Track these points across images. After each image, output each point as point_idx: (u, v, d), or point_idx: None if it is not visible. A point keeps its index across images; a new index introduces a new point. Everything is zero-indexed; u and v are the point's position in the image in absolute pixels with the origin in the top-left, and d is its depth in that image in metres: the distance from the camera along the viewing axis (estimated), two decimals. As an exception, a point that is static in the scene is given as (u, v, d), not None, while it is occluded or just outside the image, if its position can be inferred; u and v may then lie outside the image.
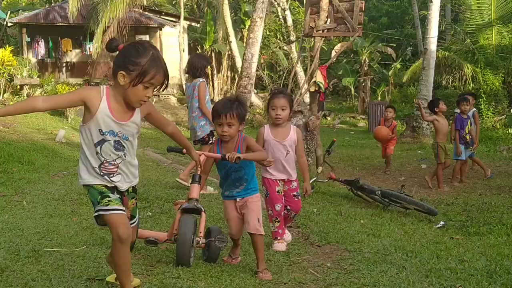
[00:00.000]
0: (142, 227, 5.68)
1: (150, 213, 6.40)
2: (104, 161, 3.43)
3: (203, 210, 4.61)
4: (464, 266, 4.70)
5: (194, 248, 4.55)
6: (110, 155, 3.42)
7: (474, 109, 10.75)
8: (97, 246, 4.88)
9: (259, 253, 4.46)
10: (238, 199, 4.59)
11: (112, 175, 3.46)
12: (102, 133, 3.38)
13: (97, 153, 3.41)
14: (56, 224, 5.72)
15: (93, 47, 22.15)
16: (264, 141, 5.27)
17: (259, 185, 4.77)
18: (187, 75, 8.24)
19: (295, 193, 5.39)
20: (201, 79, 7.74)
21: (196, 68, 7.76)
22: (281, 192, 5.29)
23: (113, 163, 3.44)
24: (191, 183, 4.72)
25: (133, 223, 3.71)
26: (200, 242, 4.53)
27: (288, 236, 5.53)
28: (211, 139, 7.66)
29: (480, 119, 19.72)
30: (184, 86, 22.45)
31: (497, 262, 4.80)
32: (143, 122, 3.67)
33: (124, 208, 3.47)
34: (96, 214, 3.42)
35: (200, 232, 4.54)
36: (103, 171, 3.44)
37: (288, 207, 5.37)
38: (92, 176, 3.45)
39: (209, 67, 7.74)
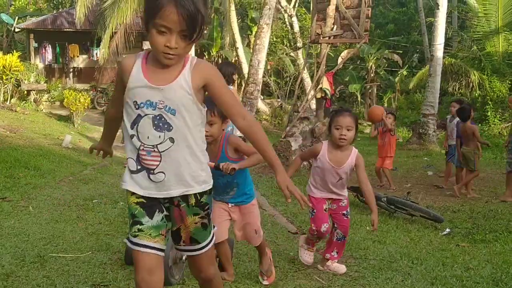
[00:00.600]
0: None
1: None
2: (141, 148, 2.54)
3: None
4: (470, 273, 4.69)
5: (182, 264, 4.19)
6: (148, 137, 2.51)
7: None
8: (102, 252, 4.89)
9: (262, 254, 4.39)
10: (230, 205, 4.27)
11: (152, 171, 2.55)
12: (137, 106, 2.52)
13: (132, 136, 2.54)
14: (62, 229, 5.73)
15: (100, 53, 22.23)
16: (316, 159, 4.68)
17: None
18: None
19: (344, 212, 4.79)
20: (231, 87, 7.77)
21: (224, 75, 7.75)
22: (327, 211, 4.72)
23: (153, 150, 2.52)
24: None
25: (195, 250, 2.76)
26: (183, 258, 4.08)
27: (338, 267, 4.78)
28: None
29: (486, 126, 19.81)
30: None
31: (503, 270, 4.78)
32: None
33: (157, 245, 2.59)
34: (126, 242, 2.71)
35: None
36: (142, 164, 2.55)
37: (335, 226, 4.77)
38: (128, 176, 2.61)
39: (235, 73, 7.76)
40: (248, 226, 4.28)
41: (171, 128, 2.50)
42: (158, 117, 2.49)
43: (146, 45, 23.95)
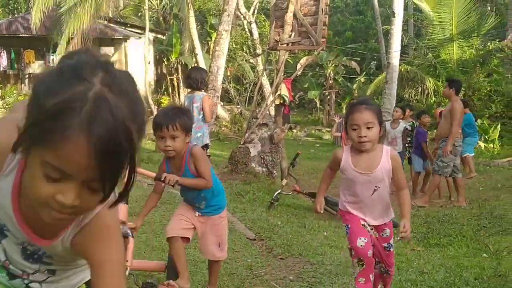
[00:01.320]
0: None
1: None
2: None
3: (130, 234, 3.84)
4: (424, 278, 4.77)
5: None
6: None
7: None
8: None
9: (211, 276, 4.19)
10: (197, 213, 4.08)
11: None
12: None
13: None
14: None
15: (57, 59, 21.89)
16: (341, 169, 3.83)
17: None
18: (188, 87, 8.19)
19: (386, 245, 3.87)
20: (204, 92, 7.73)
21: (196, 80, 7.72)
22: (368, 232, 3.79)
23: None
24: None
25: None
26: (127, 273, 3.81)
27: None
28: (206, 151, 7.64)
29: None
30: (148, 99, 22.50)
31: (456, 274, 4.88)
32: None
33: None
34: None
35: (127, 261, 3.74)
36: None
37: (377, 260, 3.89)
38: None
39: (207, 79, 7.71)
40: (211, 238, 4.07)
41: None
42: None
43: (104, 51, 23.74)
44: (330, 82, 28.13)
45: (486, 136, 18.98)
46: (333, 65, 27.85)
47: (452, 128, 8.72)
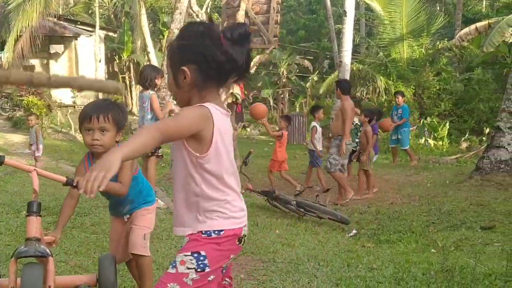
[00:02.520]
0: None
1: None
2: None
3: (49, 254, 3.11)
4: (373, 273, 4.82)
5: None
6: None
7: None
8: (1, 263, 4.68)
9: (145, 278, 3.66)
10: (126, 217, 3.70)
11: None
12: None
13: None
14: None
15: (5, 57, 21.35)
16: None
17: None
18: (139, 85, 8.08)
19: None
20: (151, 92, 7.60)
21: (146, 79, 7.59)
22: None
23: None
24: (26, 216, 3.18)
25: None
26: None
27: None
28: (157, 151, 7.53)
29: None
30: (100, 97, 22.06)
31: (404, 269, 4.94)
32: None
33: None
34: None
35: (50, 286, 3.06)
36: None
37: None
38: None
39: (160, 78, 7.56)
40: (136, 229, 3.60)
41: None
42: None
43: (54, 49, 23.30)
44: (284, 80, 28.30)
45: (435, 134, 19.39)
46: (287, 63, 28.01)
47: (344, 126, 8.97)
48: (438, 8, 31.32)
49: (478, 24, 21.23)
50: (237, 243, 2.43)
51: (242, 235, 2.44)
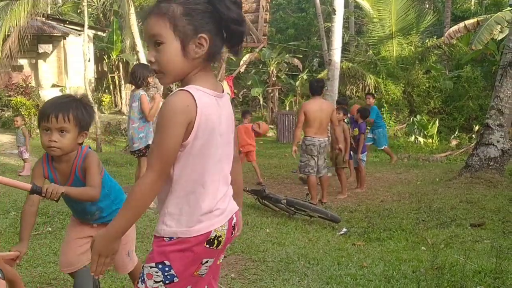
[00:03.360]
0: (42, 243, 5.48)
1: (50, 229, 6.17)
2: None
3: (1, 277, 2.75)
4: (364, 271, 4.82)
5: None
6: None
7: None
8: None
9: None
10: (95, 224, 3.29)
11: None
12: None
13: None
14: None
15: (-7, 57, 21.22)
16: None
17: None
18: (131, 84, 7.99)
19: None
20: (141, 91, 7.54)
21: (138, 77, 7.52)
22: None
23: None
24: None
25: None
26: None
27: None
28: (147, 151, 7.48)
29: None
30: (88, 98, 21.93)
31: (394, 267, 4.95)
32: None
33: None
34: None
35: None
36: None
37: None
38: None
39: (151, 76, 7.47)
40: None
41: None
42: None
43: (42, 49, 23.15)
44: (273, 79, 28.24)
45: (425, 132, 19.45)
46: (276, 62, 27.97)
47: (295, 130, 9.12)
48: (427, 6, 31.41)
49: (467, 22, 21.34)
50: (207, 246, 2.15)
51: (211, 237, 2.15)
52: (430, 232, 6.86)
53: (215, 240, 2.17)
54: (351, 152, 10.37)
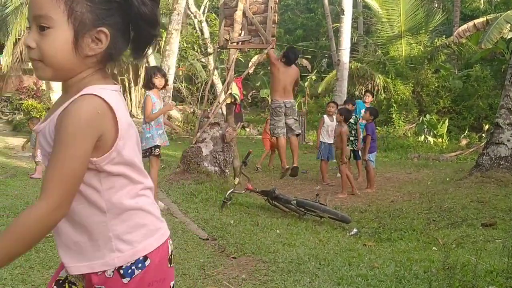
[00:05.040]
0: (54, 245, 5.51)
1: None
2: None
3: None
4: (375, 272, 4.82)
5: None
6: None
7: None
8: (2, 269, 4.67)
9: None
10: None
11: None
12: None
13: None
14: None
15: (4, 60, 21.34)
16: None
17: None
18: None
19: None
20: (148, 93, 7.60)
21: (145, 78, 7.64)
22: None
23: None
24: None
25: None
26: None
27: None
28: (153, 151, 7.52)
29: (392, 127, 20.55)
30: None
31: (406, 268, 4.94)
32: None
33: None
34: None
35: None
36: None
37: None
38: None
39: (155, 77, 7.49)
40: None
41: None
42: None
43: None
44: (282, 80, 28.23)
45: (434, 131, 19.38)
46: (285, 63, 27.96)
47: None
48: (436, 5, 31.29)
49: (476, 21, 21.24)
50: (169, 265, 1.83)
51: (170, 253, 1.84)
52: (441, 232, 6.84)
53: (171, 256, 1.87)
54: (359, 152, 10.37)
